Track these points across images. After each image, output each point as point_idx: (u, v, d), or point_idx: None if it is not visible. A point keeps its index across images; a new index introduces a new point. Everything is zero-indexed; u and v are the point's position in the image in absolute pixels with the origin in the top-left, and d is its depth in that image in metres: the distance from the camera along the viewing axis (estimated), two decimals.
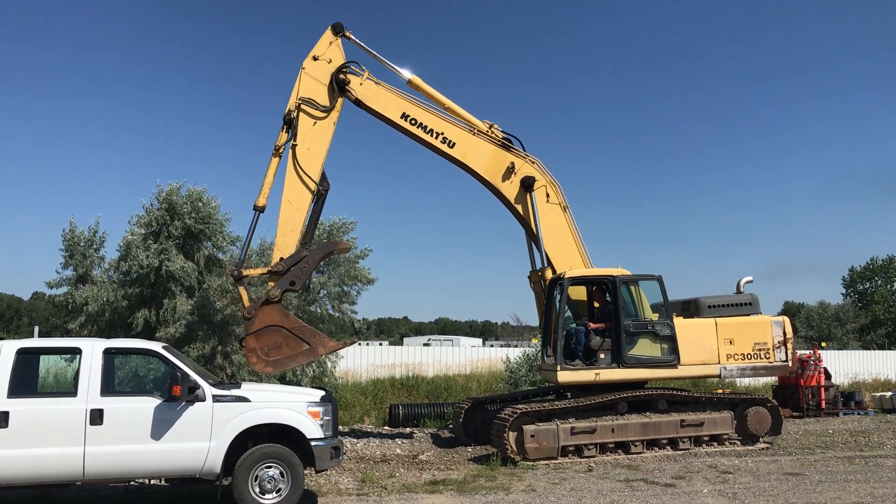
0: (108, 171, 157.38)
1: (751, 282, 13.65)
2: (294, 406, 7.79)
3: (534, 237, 13.49)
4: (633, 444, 11.54)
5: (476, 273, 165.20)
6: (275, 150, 12.31)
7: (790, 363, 12.67)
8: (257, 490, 7.48)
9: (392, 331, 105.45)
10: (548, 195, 13.42)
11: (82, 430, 7.18)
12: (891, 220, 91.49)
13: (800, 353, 18.60)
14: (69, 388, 7.60)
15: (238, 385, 8.17)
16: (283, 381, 14.51)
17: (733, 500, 8.33)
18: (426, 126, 13.12)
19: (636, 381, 12.20)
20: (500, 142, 13.48)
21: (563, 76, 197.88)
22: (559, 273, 12.84)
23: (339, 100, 12.70)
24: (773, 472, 10.06)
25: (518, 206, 13.51)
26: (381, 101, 13.03)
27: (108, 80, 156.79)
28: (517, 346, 28.67)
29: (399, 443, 13.13)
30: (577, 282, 12.69)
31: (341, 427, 15.26)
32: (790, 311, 44.58)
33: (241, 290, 11.94)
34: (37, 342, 8.34)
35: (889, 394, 20.11)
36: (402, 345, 41.10)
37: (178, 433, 7.37)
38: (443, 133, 13.17)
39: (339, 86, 12.64)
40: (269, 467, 7.56)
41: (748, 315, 12.91)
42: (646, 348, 12.13)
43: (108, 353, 7.64)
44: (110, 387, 7.63)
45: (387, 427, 16.09)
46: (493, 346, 43.60)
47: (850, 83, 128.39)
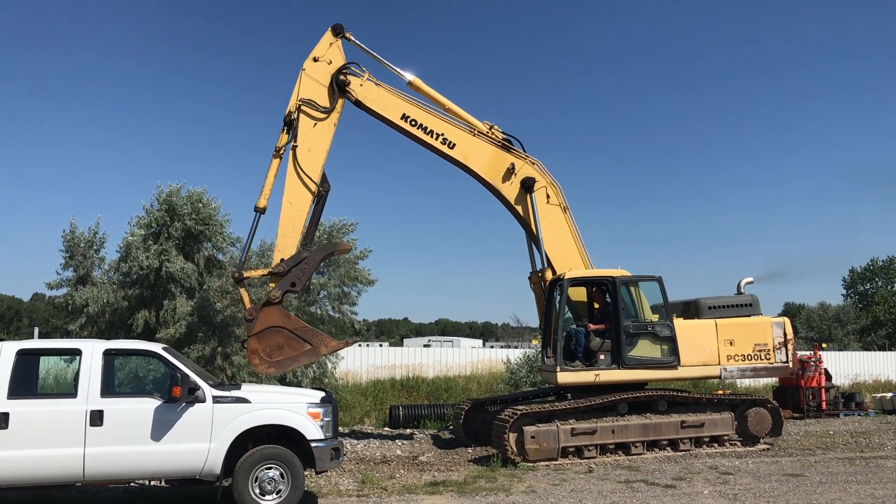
0: (108, 172, 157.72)
1: (751, 283, 13.66)
2: (294, 407, 7.79)
3: (534, 238, 13.49)
4: (633, 445, 11.54)
5: (476, 274, 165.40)
6: (275, 152, 12.31)
7: (790, 364, 12.68)
8: (257, 491, 7.47)
9: (392, 332, 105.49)
10: (548, 196, 13.42)
11: (82, 431, 7.18)
12: (891, 221, 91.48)
13: (800, 354, 18.61)
14: (69, 390, 7.60)
15: (238, 386, 8.17)
16: (283, 382, 14.49)
17: (734, 501, 8.32)
18: (426, 127, 13.12)
19: (636, 382, 12.19)
20: (500, 143, 13.48)
21: (563, 76, 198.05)
22: (559, 274, 12.84)
23: (340, 101, 12.70)
24: (774, 474, 10.06)
25: (518, 207, 13.50)
26: (382, 103, 13.03)
27: (108, 81, 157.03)
28: (517, 347, 28.70)
29: (399, 444, 13.12)
30: (576, 283, 12.69)
31: (341, 428, 15.26)
32: (790, 312, 44.52)
33: (242, 291, 11.93)
34: (37, 343, 8.32)
35: (889, 395, 20.09)
36: (402, 346, 41.10)
37: (178, 434, 7.37)
38: (443, 134, 13.17)
39: (339, 87, 12.64)
40: (270, 468, 7.55)
41: (748, 316, 12.92)
42: (646, 349, 12.13)
43: (108, 354, 7.64)
44: (110, 388, 7.63)
45: (387, 428, 16.08)
46: (493, 347, 43.60)
47: (850, 83, 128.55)
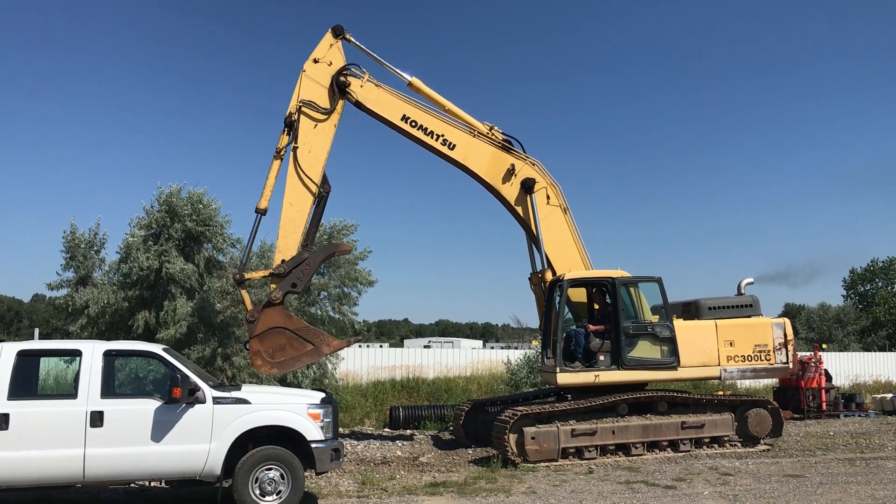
0: (108, 173, 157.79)
1: (751, 283, 13.66)
2: (294, 408, 7.79)
3: (534, 239, 13.49)
4: (633, 446, 11.54)
5: (476, 275, 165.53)
6: (276, 153, 12.32)
7: (791, 365, 12.67)
8: (258, 492, 7.48)
9: (392, 333, 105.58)
10: (548, 197, 13.42)
11: (82, 432, 7.18)
12: (892, 221, 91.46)
13: (800, 355, 18.60)
14: (69, 390, 7.60)
15: (238, 387, 8.17)
16: (283, 382, 14.48)
17: (734, 501, 8.32)
18: (426, 128, 13.12)
19: (636, 382, 12.19)
20: (500, 143, 13.48)
21: (563, 77, 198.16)
22: (559, 275, 12.84)
23: (340, 102, 12.71)
24: (774, 474, 10.05)
25: (518, 208, 13.50)
26: (382, 104, 13.04)
27: (108, 81, 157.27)
28: (518, 348, 28.70)
29: (399, 445, 13.12)
30: (576, 283, 12.69)
31: (342, 429, 15.25)
32: (791, 312, 44.52)
33: (244, 293, 11.94)
34: (37, 344, 8.33)
35: (890, 395, 20.05)
36: (402, 347, 41.11)
37: (179, 435, 7.38)
38: (443, 135, 13.17)
39: (339, 88, 12.65)
40: (270, 469, 7.56)
41: (749, 317, 12.91)
42: (645, 350, 12.12)
43: (109, 355, 7.64)
44: (110, 389, 7.64)
45: (387, 429, 16.07)
46: (493, 347, 43.60)
47: (850, 83, 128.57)
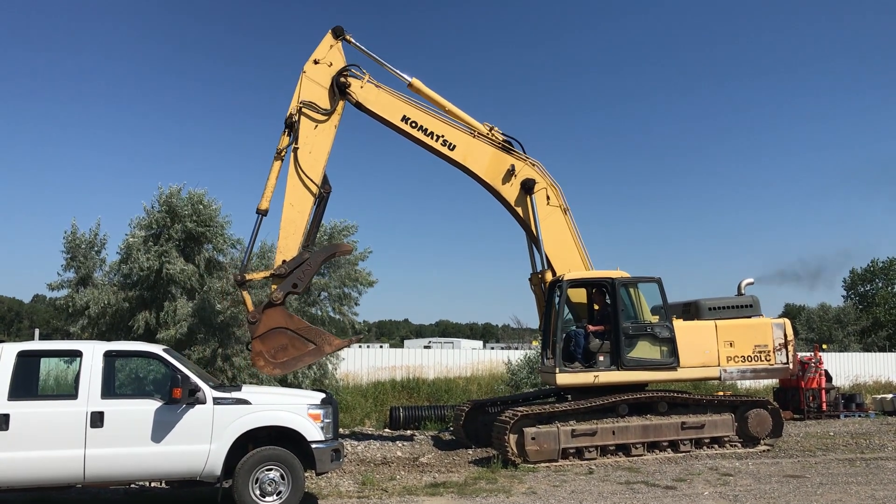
0: (108, 173, 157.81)
1: (752, 284, 13.65)
2: (294, 408, 7.80)
3: (534, 239, 13.49)
4: (633, 447, 11.54)
5: (476, 275, 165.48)
6: (277, 154, 12.33)
7: (791, 366, 12.66)
8: (258, 492, 7.48)
9: (392, 333, 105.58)
10: (548, 197, 13.42)
11: (83, 432, 7.19)
12: (892, 221, 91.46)
13: (801, 355, 18.60)
14: (70, 391, 7.62)
15: (238, 387, 8.17)
16: (283, 383, 14.49)
17: (734, 502, 8.32)
18: (426, 129, 13.13)
19: (635, 383, 12.18)
20: (500, 144, 13.48)
21: (563, 77, 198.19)
22: (558, 275, 12.84)
23: (340, 103, 12.71)
24: (774, 475, 10.06)
25: (518, 209, 13.50)
26: (382, 104, 13.04)
27: (109, 82, 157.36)
28: (518, 349, 28.71)
29: (400, 445, 13.13)
30: (575, 284, 12.69)
31: (342, 429, 15.26)
32: (791, 313, 44.50)
33: (245, 294, 11.95)
34: (37, 345, 8.35)
35: (890, 396, 20.06)
36: (402, 347, 41.11)
37: (179, 436, 7.38)
38: (443, 136, 13.18)
39: (339, 89, 12.66)
40: (270, 470, 7.56)
41: (749, 317, 12.91)
42: (645, 350, 12.12)
43: (109, 355, 7.65)
44: (111, 389, 7.64)
45: (387, 429, 16.08)
46: (493, 348, 43.63)
47: (850, 83, 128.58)
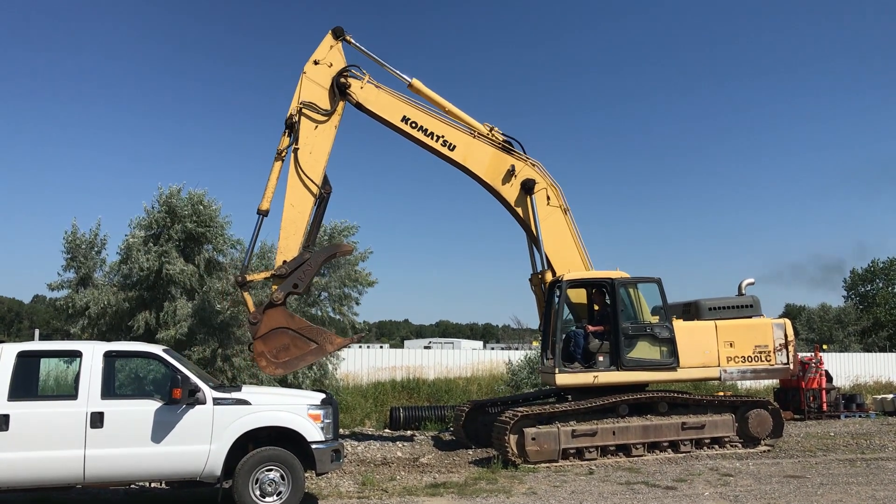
0: (108, 174, 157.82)
1: (752, 284, 13.63)
2: (294, 409, 7.79)
3: (534, 240, 13.49)
4: (633, 447, 11.53)
5: (477, 276, 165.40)
6: (277, 154, 12.34)
7: (791, 366, 12.64)
8: (258, 493, 7.47)
9: (393, 333, 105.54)
10: (548, 198, 13.41)
11: (83, 433, 7.18)
12: (892, 222, 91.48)
13: (801, 355, 18.59)
14: (69, 391, 7.61)
15: (238, 388, 8.17)
16: (283, 383, 14.48)
17: (734, 502, 8.32)
18: (427, 129, 13.13)
19: (635, 383, 12.17)
20: (500, 144, 13.48)
21: (563, 77, 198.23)
22: (558, 276, 12.83)
23: (340, 103, 12.72)
24: (775, 475, 10.05)
25: (518, 209, 13.50)
26: (382, 105, 13.04)
27: (109, 82, 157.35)
28: (518, 349, 28.72)
29: (400, 445, 13.12)
30: (575, 284, 12.68)
31: (342, 430, 15.25)
32: (791, 313, 44.53)
33: (246, 295, 11.96)
34: (37, 345, 8.35)
35: (890, 396, 20.05)
36: (402, 347, 41.12)
37: (179, 436, 7.38)
38: (443, 136, 13.18)
39: (339, 89, 12.66)
40: (270, 470, 7.55)
41: (749, 317, 12.89)
42: (644, 351, 12.10)
43: (109, 355, 7.65)
44: (111, 390, 7.64)
45: (387, 430, 16.07)
46: (493, 348, 43.65)
47: (850, 83, 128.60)
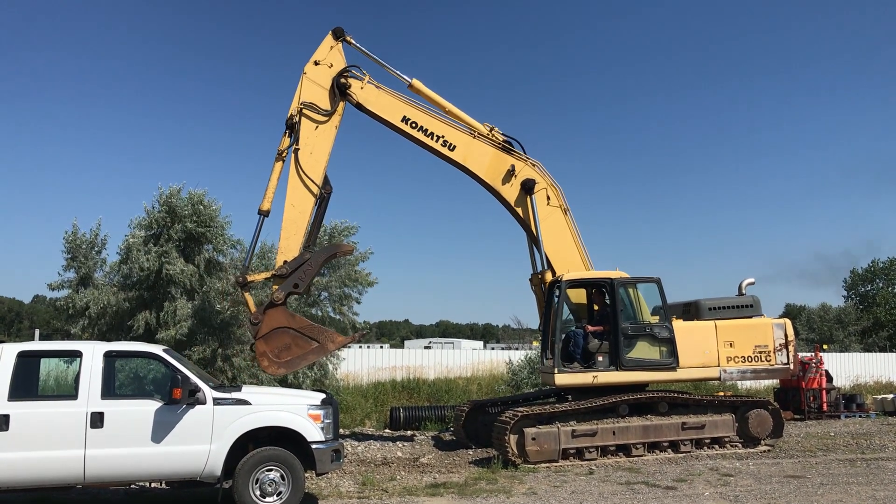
0: (108, 174, 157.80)
1: (752, 283, 13.63)
2: (295, 409, 7.79)
3: (534, 240, 13.49)
4: (634, 447, 11.53)
5: (477, 276, 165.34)
6: (278, 155, 12.36)
7: (791, 366, 12.64)
8: (258, 493, 7.47)
9: (393, 333, 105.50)
10: (548, 198, 13.42)
11: (83, 433, 7.18)
12: (892, 221, 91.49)
13: (801, 355, 18.59)
14: (70, 391, 7.62)
15: (238, 388, 8.17)
16: (284, 383, 14.49)
17: (734, 502, 8.32)
18: (427, 129, 13.13)
19: (634, 383, 12.17)
20: (500, 144, 13.48)
21: (563, 77, 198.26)
22: (558, 276, 12.84)
23: (341, 104, 12.73)
24: (775, 475, 10.05)
25: (519, 209, 13.50)
26: (382, 105, 13.05)
27: (109, 82, 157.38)
28: (518, 349, 28.71)
29: (400, 446, 13.13)
30: (575, 284, 12.68)
31: (342, 430, 15.25)
32: (791, 313, 44.50)
33: (247, 296, 11.97)
34: (37, 345, 8.35)
35: (890, 396, 20.05)
36: (402, 347, 41.13)
37: (179, 436, 7.38)
38: (443, 136, 13.18)
39: (340, 90, 12.67)
40: (270, 470, 7.55)
41: (749, 317, 12.89)
42: (644, 351, 12.10)
43: (109, 356, 7.65)
44: (111, 390, 7.64)
45: (388, 430, 16.08)
46: (493, 348, 43.66)
47: (850, 83, 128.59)
